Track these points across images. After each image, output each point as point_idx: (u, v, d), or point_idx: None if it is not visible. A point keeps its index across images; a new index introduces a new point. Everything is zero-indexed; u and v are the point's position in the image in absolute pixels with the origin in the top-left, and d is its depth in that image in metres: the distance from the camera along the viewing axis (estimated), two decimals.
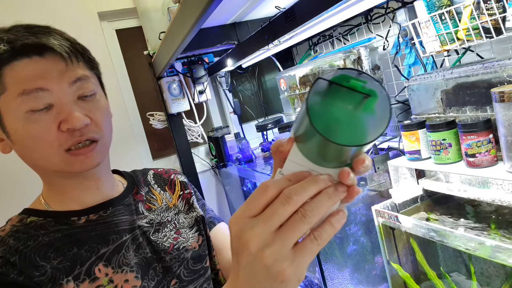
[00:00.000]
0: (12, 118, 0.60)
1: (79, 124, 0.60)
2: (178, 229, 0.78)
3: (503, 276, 1.01)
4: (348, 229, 1.22)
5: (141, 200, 0.77)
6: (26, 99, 0.58)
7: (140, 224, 0.73)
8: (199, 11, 0.89)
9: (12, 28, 0.61)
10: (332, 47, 1.80)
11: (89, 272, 0.63)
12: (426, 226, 0.92)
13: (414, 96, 1.06)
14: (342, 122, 0.34)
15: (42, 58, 0.59)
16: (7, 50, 0.58)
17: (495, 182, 0.88)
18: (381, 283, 1.25)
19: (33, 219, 0.66)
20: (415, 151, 1.00)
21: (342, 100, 0.34)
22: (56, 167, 0.63)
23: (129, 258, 0.67)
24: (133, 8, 2.05)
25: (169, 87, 2.03)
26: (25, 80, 0.58)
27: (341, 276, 1.26)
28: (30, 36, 0.59)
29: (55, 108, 0.60)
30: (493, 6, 0.87)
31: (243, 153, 1.95)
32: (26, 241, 0.62)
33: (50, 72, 0.59)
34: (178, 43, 1.26)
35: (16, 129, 0.60)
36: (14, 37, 0.59)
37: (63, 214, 0.67)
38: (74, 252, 0.63)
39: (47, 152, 0.61)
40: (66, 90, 0.61)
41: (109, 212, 0.70)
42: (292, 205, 0.35)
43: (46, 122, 0.60)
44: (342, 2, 0.93)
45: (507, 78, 0.81)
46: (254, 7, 1.52)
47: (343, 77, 0.35)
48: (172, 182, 0.86)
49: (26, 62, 0.59)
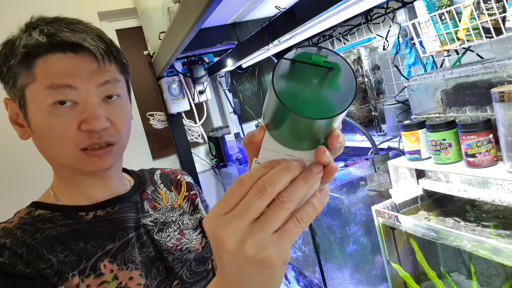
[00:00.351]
0: (36, 109, 0.61)
1: (99, 127, 0.61)
2: (182, 230, 0.78)
3: (503, 276, 1.01)
4: (348, 229, 1.22)
5: (147, 198, 0.77)
6: (53, 93, 0.59)
7: (144, 222, 0.73)
8: (199, 11, 0.89)
9: (54, 20, 0.62)
10: (332, 47, 1.80)
11: (94, 267, 0.63)
12: (426, 226, 0.92)
13: (414, 96, 1.06)
14: (310, 97, 0.34)
15: (75, 55, 0.60)
16: (45, 43, 0.59)
17: (495, 182, 0.88)
18: (381, 283, 1.25)
19: (41, 212, 0.66)
20: (415, 151, 1.00)
21: (307, 77, 0.35)
22: (69, 163, 0.64)
23: (135, 256, 0.67)
24: (133, 8, 2.05)
25: (169, 87, 2.03)
26: (56, 75, 0.59)
27: (341, 276, 1.25)
28: (69, 33, 0.60)
29: (79, 106, 0.61)
30: (493, 6, 0.87)
31: (243, 153, 1.95)
32: (33, 234, 0.62)
33: (81, 70, 0.60)
34: (178, 43, 1.26)
35: (38, 120, 0.61)
36: (54, 31, 0.59)
37: (71, 208, 0.67)
38: (80, 247, 0.64)
39: (63, 148, 0.62)
40: (93, 91, 0.62)
41: (116, 208, 0.70)
42: (268, 197, 0.34)
43: (67, 119, 0.61)
44: (342, 2, 0.93)
45: (507, 78, 0.81)
46: (254, 7, 1.52)
47: (304, 55, 0.35)
48: (179, 182, 0.86)
49: (59, 57, 0.60)
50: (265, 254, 0.34)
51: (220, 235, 0.34)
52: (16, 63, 0.60)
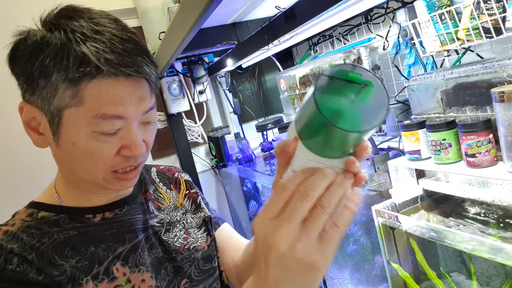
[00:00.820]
0: (75, 132, 0.56)
1: (139, 153, 0.59)
2: (187, 229, 0.77)
3: (503, 276, 1.01)
4: (348, 229, 1.22)
5: (151, 199, 0.76)
6: (101, 122, 0.55)
7: (152, 223, 0.72)
8: (199, 11, 0.89)
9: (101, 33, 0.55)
10: (332, 47, 1.80)
11: (107, 271, 0.62)
12: (426, 226, 0.92)
13: (414, 96, 1.06)
14: (346, 111, 0.38)
15: (126, 80, 0.55)
16: (103, 71, 0.53)
17: (495, 182, 0.88)
18: (381, 283, 1.25)
19: (45, 214, 0.63)
20: (415, 151, 1.00)
21: (344, 92, 0.39)
22: (97, 182, 0.62)
23: (145, 258, 0.67)
24: (133, 8, 2.05)
25: (169, 87, 2.03)
26: (107, 104, 0.54)
27: (341, 276, 1.25)
28: (128, 59, 0.55)
29: (121, 131, 0.58)
30: (493, 6, 0.87)
31: (243, 153, 1.95)
32: (41, 238, 0.60)
33: (131, 98, 0.56)
34: (178, 43, 1.26)
35: (75, 142, 0.57)
36: (115, 57, 0.54)
37: (77, 210, 0.65)
38: (91, 251, 0.62)
39: (96, 169, 0.59)
40: (138, 118, 0.59)
41: (124, 210, 0.69)
42: (310, 201, 0.37)
43: (109, 145, 0.58)
44: (342, 2, 0.93)
45: (507, 78, 0.81)
46: (254, 7, 1.52)
47: (341, 72, 0.39)
48: (177, 180, 0.86)
49: (111, 82, 0.54)
50: (312, 257, 0.37)
51: (271, 239, 0.37)
52: (61, 81, 0.53)
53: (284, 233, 0.37)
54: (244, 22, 1.75)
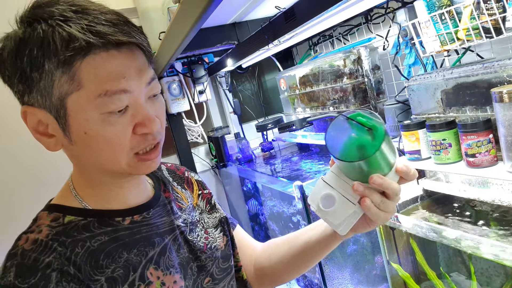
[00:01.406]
0: (83, 119, 0.53)
1: (156, 128, 0.57)
2: (206, 229, 0.78)
3: (503, 276, 1.01)
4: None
5: (172, 199, 0.74)
6: (107, 101, 0.52)
7: (177, 224, 0.71)
8: (199, 11, 0.89)
9: (83, 10, 0.52)
10: (332, 47, 1.80)
11: (142, 277, 0.60)
12: (426, 226, 0.92)
13: (414, 96, 1.06)
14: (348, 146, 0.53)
15: (119, 52, 0.53)
16: (94, 43, 0.50)
17: (495, 182, 0.88)
18: (381, 283, 1.25)
19: (71, 218, 0.59)
20: (415, 151, 1.00)
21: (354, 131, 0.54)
22: (120, 169, 0.58)
23: (173, 260, 0.66)
24: (133, 8, 2.05)
25: (169, 87, 2.03)
26: (108, 80, 0.52)
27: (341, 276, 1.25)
28: (114, 28, 0.52)
29: (130, 109, 0.55)
30: (493, 6, 0.87)
31: (243, 153, 1.95)
32: (74, 247, 0.56)
33: (130, 70, 0.54)
34: (178, 43, 1.26)
35: (87, 131, 0.54)
36: (100, 28, 0.51)
37: (105, 213, 0.61)
38: (125, 258, 0.59)
39: (116, 155, 0.57)
40: (143, 91, 0.56)
41: (151, 213, 0.67)
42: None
43: (122, 126, 0.55)
44: (342, 2, 0.93)
45: (507, 78, 0.81)
46: (254, 7, 1.52)
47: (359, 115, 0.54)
48: (189, 180, 0.85)
49: (104, 57, 0.52)
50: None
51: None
52: (54, 67, 0.51)
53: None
54: (244, 22, 1.75)
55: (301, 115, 1.81)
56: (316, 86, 1.64)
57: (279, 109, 2.29)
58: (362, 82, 1.42)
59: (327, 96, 1.58)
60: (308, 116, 1.70)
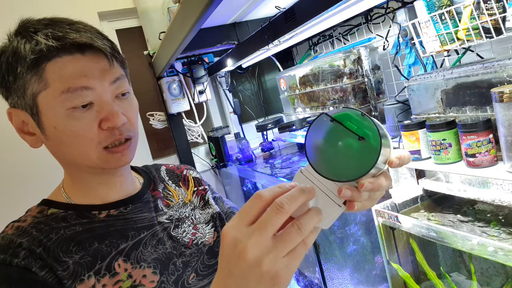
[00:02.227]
0: (52, 114, 0.60)
1: (119, 122, 0.62)
2: (195, 225, 0.80)
3: (503, 276, 1.01)
4: (348, 229, 1.22)
5: (160, 197, 0.79)
6: (70, 97, 0.59)
7: (160, 220, 0.74)
8: (199, 11, 0.89)
9: (52, 22, 0.61)
10: (332, 47, 1.80)
11: (109, 267, 0.64)
12: (426, 226, 0.92)
13: (414, 96, 1.06)
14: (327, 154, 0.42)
15: (83, 56, 0.60)
16: (55, 46, 0.58)
17: (495, 182, 0.88)
18: (381, 283, 1.25)
19: (54, 211, 0.66)
20: (415, 151, 1.00)
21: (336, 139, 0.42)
22: (92, 163, 0.64)
23: (146, 255, 0.69)
24: (133, 8, 2.05)
25: (169, 87, 2.03)
26: (70, 78, 0.59)
27: (341, 276, 1.26)
28: (75, 34, 0.60)
29: (96, 106, 0.62)
30: (493, 6, 0.87)
31: (243, 153, 1.95)
32: (49, 233, 0.62)
33: (92, 70, 0.61)
34: (178, 43, 1.26)
35: (56, 125, 0.61)
36: (62, 34, 0.59)
37: (84, 207, 0.68)
38: (95, 247, 0.64)
39: (85, 149, 0.63)
40: (107, 89, 0.62)
41: (129, 209, 0.71)
42: (285, 214, 0.38)
43: (87, 120, 0.61)
44: (342, 2, 0.93)
45: (507, 78, 0.81)
46: (254, 7, 1.52)
47: (348, 117, 0.41)
48: (186, 178, 0.88)
49: (69, 60, 0.59)
50: (277, 272, 0.38)
51: (241, 246, 0.38)
52: (25, 70, 0.59)
53: (254, 242, 0.37)
54: (244, 22, 1.75)
55: (301, 115, 1.81)
56: (316, 86, 1.64)
57: (279, 109, 2.29)
58: (362, 82, 1.42)
59: (327, 96, 1.58)
60: (308, 116, 1.70)
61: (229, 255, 0.39)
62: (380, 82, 1.47)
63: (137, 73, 2.13)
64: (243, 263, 0.38)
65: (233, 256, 0.38)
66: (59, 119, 0.60)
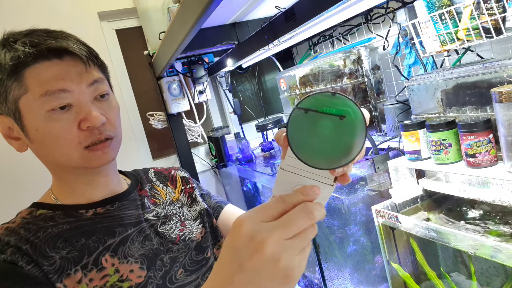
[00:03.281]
0: (33, 117, 0.63)
1: (98, 122, 0.64)
2: (183, 221, 0.82)
3: (503, 276, 1.01)
4: (348, 229, 1.22)
5: (147, 195, 0.81)
6: (48, 99, 0.62)
7: (147, 217, 0.77)
8: (199, 11, 0.89)
9: (31, 32, 0.64)
10: (332, 47, 1.80)
11: (96, 262, 0.66)
12: (426, 226, 0.92)
13: (414, 96, 1.06)
14: (317, 147, 0.39)
15: (61, 61, 0.63)
16: (31, 53, 0.61)
17: (495, 182, 0.88)
18: (381, 283, 1.25)
19: (42, 211, 0.69)
20: (415, 151, 1.00)
21: (318, 126, 0.39)
22: (75, 163, 0.67)
23: (134, 250, 0.70)
24: (133, 8, 2.05)
25: (169, 87, 2.03)
26: (48, 82, 0.62)
27: (341, 276, 1.26)
28: (52, 41, 0.63)
29: (74, 108, 0.64)
30: (493, 6, 0.87)
31: (243, 153, 1.95)
32: (36, 232, 0.65)
33: (70, 74, 0.63)
34: (178, 43, 1.26)
35: (37, 128, 0.64)
36: (38, 41, 0.62)
37: (71, 207, 0.70)
38: (82, 242, 0.66)
39: (67, 150, 0.65)
40: (84, 91, 0.65)
41: (115, 206, 0.73)
42: (312, 221, 0.39)
43: (66, 121, 0.63)
44: (342, 2, 0.93)
45: (507, 78, 0.81)
46: (254, 7, 1.52)
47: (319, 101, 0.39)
48: (173, 178, 0.91)
49: (47, 65, 0.62)
50: (292, 270, 0.38)
51: (260, 239, 0.37)
52: (5, 77, 0.62)
53: (276, 238, 0.37)
54: (244, 22, 1.74)
55: None
56: (316, 86, 1.64)
57: (279, 109, 2.29)
58: (362, 82, 1.42)
59: None
60: None
61: (243, 247, 0.38)
62: (380, 82, 1.47)
63: (137, 73, 2.13)
64: (260, 257, 0.37)
65: (248, 248, 0.37)
66: (40, 121, 0.63)
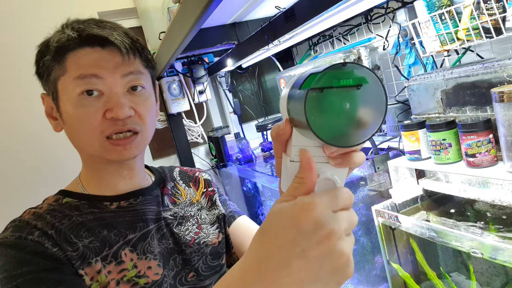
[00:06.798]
0: (66, 99, 0.65)
1: (122, 114, 0.65)
2: (200, 224, 0.81)
3: (503, 276, 1.01)
4: None
5: (167, 193, 0.81)
6: (80, 82, 0.64)
7: (164, 216, 0.77)
8: (199, 11, 0.89)
9: (86, 20, 0.68)
10: (332, 47, 1.80)
11: (116, 255, 0.66)
12: (426, 226, 0.92)
13: (414, 96, 1.06)
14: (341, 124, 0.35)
15: (103, 49, 0.65)
16: (75, 38, 0.64)
17: (495, 182, 0.88)
18: (381, 283, 1.25)
19: (68, 200, 0.70)
20: (415, 151, 1.00)
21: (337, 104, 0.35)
22: (96, 152, 0.68)
23: (153, 247, 0.71)
24: (133, 8, 2.05)
25: (169, 87, 2.03)
26: (84, 66, 0.64)
27: None
28: (97, 29, 0.65)
29: (105, 96, 0.65)
30: (493, 6, 0.87)
31: (243, 153, 1.95)
32: (62, 219, 0.66)
33: (106, 62, 0.65)
34: (178, 43, 1.26)
35: (68, 110, 0.66)
36: (83, 27, 0.65)
37: (96, 198, 0.71)
38: (104, 234, 0.67)
39: (89, 136, 0.66)
40: (117, 81, 0.66)
41: (138, 200, 0.74)
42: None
43: (94, 108, 0.65)
44: (342, 2, 0.93)
45: (507, 78, 0.81)
46: (254, 7, 1.52)
47: (332, 76, 0.35)
48: (197, 179, 0.91)
49: (88, 51, 0.65)
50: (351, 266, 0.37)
51: (332, 230, 0.34)
52: (50, 58, 0.65)
53: (343, 232, 0.36)
54: (244, 22, 1.74)
55: None
56: None
57: (279, 109, 2.28)
58: None
59: None
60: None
61: (312, 232, 0.34)
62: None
63: None
64: (327, 247, 0.34)
65: (317, 236, 0.34)
66: (71, 104, 0.65)
